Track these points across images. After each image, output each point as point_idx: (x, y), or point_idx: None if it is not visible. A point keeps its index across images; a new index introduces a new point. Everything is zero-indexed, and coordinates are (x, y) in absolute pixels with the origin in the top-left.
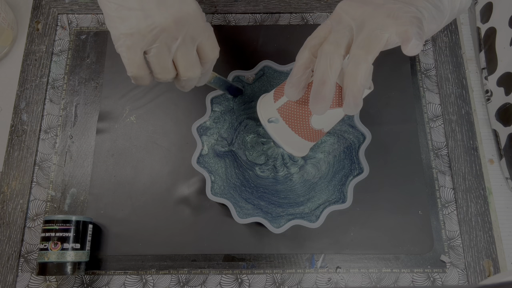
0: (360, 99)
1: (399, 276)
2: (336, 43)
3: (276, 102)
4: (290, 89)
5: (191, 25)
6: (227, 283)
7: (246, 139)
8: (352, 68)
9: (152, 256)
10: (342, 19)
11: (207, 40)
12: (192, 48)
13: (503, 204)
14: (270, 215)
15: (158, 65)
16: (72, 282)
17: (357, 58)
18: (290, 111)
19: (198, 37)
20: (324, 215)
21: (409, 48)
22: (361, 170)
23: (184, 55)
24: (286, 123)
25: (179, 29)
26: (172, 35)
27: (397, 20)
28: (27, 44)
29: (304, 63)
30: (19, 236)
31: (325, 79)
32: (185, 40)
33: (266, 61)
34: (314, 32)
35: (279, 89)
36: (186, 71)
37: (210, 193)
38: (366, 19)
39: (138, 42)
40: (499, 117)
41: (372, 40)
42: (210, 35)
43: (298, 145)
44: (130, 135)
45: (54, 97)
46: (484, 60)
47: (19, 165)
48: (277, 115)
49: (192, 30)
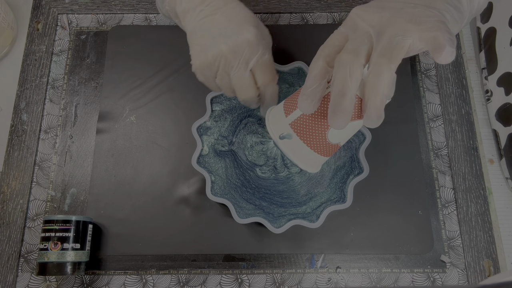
0: (383, 111)
1: (399, 276)
2: (355, 51)
3: (288, 116)
4: (304, 102)
5: (246, 52)
6: (227, 283)
7: (246, 139)
8: (374, 78)
9: (152, 256)
10: (359, 26)
11: (260, 66)
12: (244, 73)
13: (503, 204)
14: (271, 216)
15: (223, 87)
16: (72, 282)
17: (379, 67)
18: (304, 126)
19: (251, 63)
20: (324, 215)
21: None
22: (361, 170)
23: (237, 79)
24: (300, 138)
25: (235, 56)
26: (229, 63)
27: (420, 25)
28: (27, 44)
29: (319, 73)
30: (19, 236)
31: (345, 91)
32: (239, 67)
33: None
34: (328, 41)
35: (289, 102)
36: (240, 94)
37: (210, 193)
38: (385, 25)
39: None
40: (499, 117)
41: (394, 47)
42: (263, 63)
43: (313, 160)
44: (130, 135)
45: (54, 97)
46: (484, 60)
47: (19, 165)
48: (290, 130)
49: (247, 56)
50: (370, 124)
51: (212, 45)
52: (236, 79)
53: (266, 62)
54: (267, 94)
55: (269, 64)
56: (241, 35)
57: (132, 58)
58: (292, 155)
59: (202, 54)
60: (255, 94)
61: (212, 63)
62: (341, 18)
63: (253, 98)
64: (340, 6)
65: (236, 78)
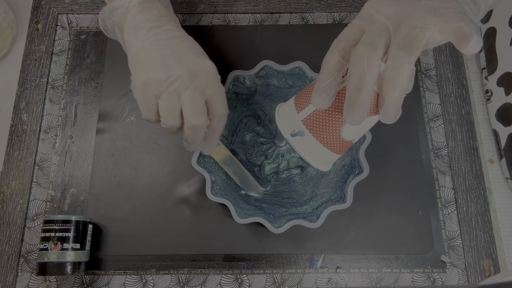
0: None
1: (399, 276)
2: (373, 44)
3: (299, 112)
4: (319, 97)
5: (204, 79)
6: (227, 283)
7: (246, 138)
8: (392, 71)
9: (152, 256)
10: (375, 18)
11: (217, 96)
12: (200, 98)
13: (503, 204)
14: (272, 216)
15: (166, 110)
16: (72, 282)
17: (398, 60)
18: (317, 122)
19: (208, 91)
20: (324, 215)
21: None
22: (361, 170)
23: (191, 102)
24: (313, 135)
25: (192, 79)
26: (184, 84)
27: (440, 17)
28: (27, 44)
29: (334, 67)
30: (19, 236)
31: (362, 85)
32: (195, 90)
33: (266, 61)
34: (342, 34)
35: (300, 98)
36: (191, 119)
37: (210, 193)
38: (403, 17)
39: (153, 89)
40: (499, 117)
41: (413, 39)
42: (220, 94)
43: (325, 158)
44: (130, 135)
45: (54, 97)
46: (484, 60)
47: (19, 165)
48: (302, 127)
49: (204, 84)
50: (386, 119)
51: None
52: (190, 101)
53: (222, 93)
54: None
55: (224, 96)
56: (202, 63)
57: None
58: (304, 153)
59: (153, 70)
60: (205, 121)
61: (162, 81)
62: (341, 18)
63: (202, 125)
64: (340, 6)
65: (189, 100)
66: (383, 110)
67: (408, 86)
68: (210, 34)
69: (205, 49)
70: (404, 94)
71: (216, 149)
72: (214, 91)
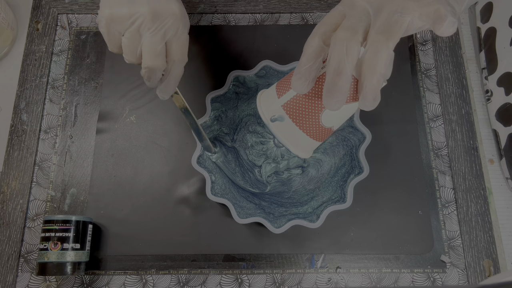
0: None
1: (399, 276)
2: (353, 28)
3: (280, 98)
4: (298, 81)
5: (167, 21)
6: (227, 283)
7: (246, 138)
8: (371, 56)
9: (152, 256)
10: (356, 3)
11: (177, 41)
12: (160, 41)
13: (503, 204)
14: (272, 215)
15: (127, 48)
16: (72, 282)
17: (377, 45)
18: (297, 107)
19: (169, 34)
20: (324, 215)
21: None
22: (361, 170)
23: (150, 44)
24: (292, 120)
25: (154, 21)
26: (146, 25)
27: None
28: (27, 44)
29: (314, 51)
30: (19, 236)
31: (341, 69)
32: (156, 33)
33: (266, 61)
34: (324, 18)
35: (282, 84)
36: (147, 60)
37: (210, 193)
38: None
39: (117, 25)
40: (499, 117)
41: (392, 24)
42: (181, 39)
43: (304, 145)
44: (130, 135)
45: (54, 97)
46: (484, 60)
47: (19, 165)
48: (282, 112)
49: (167, 26)
50: (365, 106)
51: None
52: (149, 43)
53: (184, 39)
54: (173, 72)
55: (185, 43)
56: (168, 4)
57: None
58: (284, 139)
59: (117, 5)
60: (162, 65)
61: (126, 18)
62: None
63: (158, 68)
64: None
65: (149, 42)
66: (362, 96)
67: (387, 71)
68: (210, 34)
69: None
70: (383, 79)
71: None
72: (175, 35)
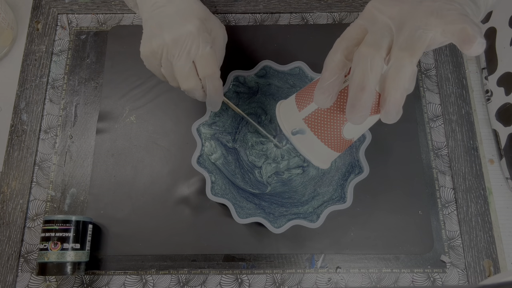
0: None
1: (399, 276)
2: (376, 44)
3: (301, 111)
4: (321, 96)
5: (187, 42)
6: (227, 283)
7: (247, 137)
8: (395, 72)
9: (152, 256)
10: (377, 19)
11: (200, 58)
12: (185, 63)
13: (503, 204)
14: (272, 215)
15: (167, 76)
16: (72, 282)
17: (401, 61)
18: (319, 121)
19: (192, 53)
20: (324, 215)
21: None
22: (361, 170)
23: (178, 68)
24: (314, 133)
25: (176, 45)
26: (171, 51)
27: (442, 18)
28: (27, 44)
29: (336, 66)
30: (19, 236)
31: (364, 84)
32: (180, 56)
33: (266, 61)
34: (345, 33)
35: (302, 96)
36: (181, 84)
37: (210, 193)
38: (406, 17)
39: (152, 59)
40: (499, 117)
41: (415, 40)
42: (204, 54)
43: (325, 156)
44: (130, 135)
45: (54, 97)
46: (484, 60)
47: (19, 165)
48: (304, 125)
49: (188, 47)
50: (388, 119)
51: (157, 34)
52: (177, 68)
53: (206, 54)
54: (209, 87)
55: (210, 57)
56: (184, 27)
57: (132, 58)
58: (305, 151)
59: (148, 42)
60: (196, 85)
61: (155, 51)
62: (341, 18)
63: (194, 88)
64: (340, 6)
65: (177, 67)
66: (385, 110)
67: (410, 86)
68: None
69: None
70: (406, 94)
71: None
72: (197, 53)
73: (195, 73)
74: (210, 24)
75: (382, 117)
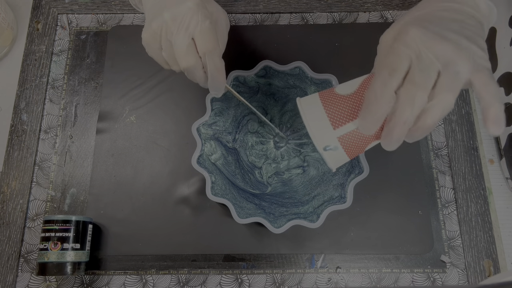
0: None
1: (399, 276)
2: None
3: (336, 129)
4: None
5: (185, 17)
6: (227, 283)
7: (247, 137)
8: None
9: (152, 256)
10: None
11: (199, 33)
12: (184, 39)
13: (503, 204)
14: (272, 215)
15: (168, 58)
16: (72, 282)
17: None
18: (353, 141)
19: (191, 28)
20: (324, 215)
21: (492, 130)
22: (361, 170)
23: (177, 45)
24: (345, 152)
25: (174, 22)
26: (169, 29)
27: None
28: (27, 44)
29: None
30: (19, 236)
31: (406, 120)
32: (178, 33)
33: (266, 61)
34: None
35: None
36: (180, 62)
37: (210, 193)
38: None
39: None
40: None
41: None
42: (203, 29)
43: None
44: (130, 135)
45: (54, 97)
46: None
47: (19, 165)
48: (337, 143)
49: (186, 22)
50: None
51: (157, 15)
52: (176, 45)
53: (206, 29)
54: (210, 65)
55: (209, 31)
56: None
57: (132, 58)
58: (333, 164)
59: (148, 25)
60: (195, 62)
61: (155, 31)
62: (341, 18)
63: (194, 66)
64: (340, 6)
65: (176, 44)
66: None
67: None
68: None
69: None
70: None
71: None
72: (196, 28)
73: (194, 50)
74: (211, 7)
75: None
